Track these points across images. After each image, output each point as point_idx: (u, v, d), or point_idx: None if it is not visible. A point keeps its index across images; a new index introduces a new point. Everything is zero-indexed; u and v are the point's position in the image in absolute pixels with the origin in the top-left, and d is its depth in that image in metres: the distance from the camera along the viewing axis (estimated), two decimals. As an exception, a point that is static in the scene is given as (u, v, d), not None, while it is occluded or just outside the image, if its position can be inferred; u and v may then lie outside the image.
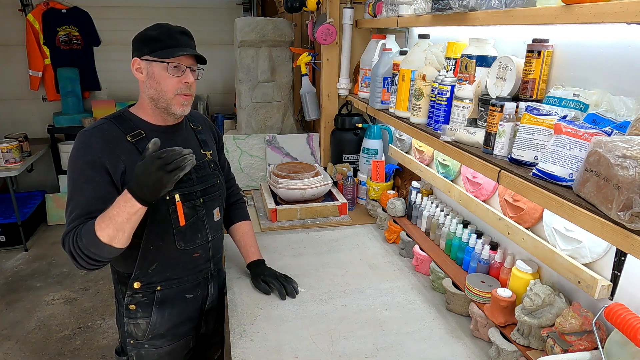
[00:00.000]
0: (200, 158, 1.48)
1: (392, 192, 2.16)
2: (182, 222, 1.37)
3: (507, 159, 1.17)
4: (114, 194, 1.28)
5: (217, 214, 1.53)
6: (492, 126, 1.21)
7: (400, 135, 2.18)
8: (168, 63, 1.30)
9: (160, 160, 1.14)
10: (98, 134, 1.32)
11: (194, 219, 1.44)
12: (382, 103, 1.94)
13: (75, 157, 1.30)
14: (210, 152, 1.54)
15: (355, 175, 2.43)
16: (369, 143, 2.35)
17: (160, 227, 1.37)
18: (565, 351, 1.09)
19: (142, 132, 1.36)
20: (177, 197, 1.37)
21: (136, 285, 1.41)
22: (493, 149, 1.21)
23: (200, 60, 1.37)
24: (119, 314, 1.49)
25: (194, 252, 1.46)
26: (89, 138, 1.31)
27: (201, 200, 1.45)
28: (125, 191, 1.19)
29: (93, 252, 1.21)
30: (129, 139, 1.33)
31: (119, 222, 1.18)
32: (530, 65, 1.19)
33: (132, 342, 1.47)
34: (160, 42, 1.31)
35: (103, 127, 1.34)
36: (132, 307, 1.43)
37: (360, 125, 2.43)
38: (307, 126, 3.13)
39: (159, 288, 1.44)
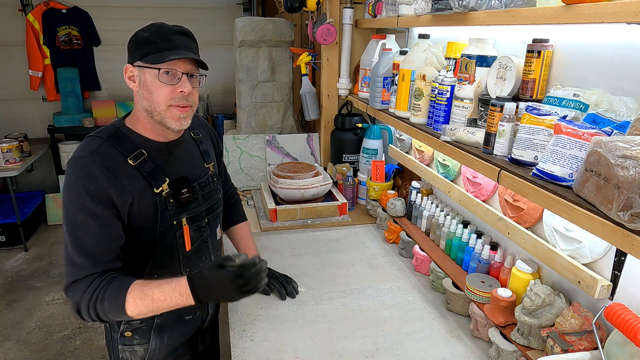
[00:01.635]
0: (204, 173, 1.38)
1: (392, 192, 2.16)
2: (188, 247, 1.29)
3: (507, 159, 1.17)
4: (120, 228, 1.16)
5: (219, 232, 1.45)
6: (492, 126, 1.21)
7: (400, 135, 2.18)
8: (159, 69, 1.13)
9: (241, 281, 1.05)
10: (98, 160, 1.13)
11: (199, 241, 1.34)
12: (382, 103, 1.94)
13: (75, 187, 1.12)
14: (212, 164, 1.43)
15: (355, 175, 2.43)
16: (369, 143, 2.35)
17: (166, 254, 1.26)
18: (565, 351, 1.09)
19: (144, 152, 1.21)
20: (184, 221, 1.26)
21: None
22: (493, 149, 1.21)
23: (201, 64, 1.20)
24: (111, 339, 1.37)
25: None
26: (88, 166, 1.12)
27: (206, 220, 1.35)
28: (185, 284, 1.06)
29: (109, 317, 1.10)
30: (130, 162, 1.17)
31: (161, 307, 1.08)
32: (530, 65, 1.19)
33: None
34: (152, 45, 1.13)
35: (101, 151, 1.15)
36: (129, 334, 1.32)
37: (360, 125, 2.43)
38: (307, 126, 3.13)
39: (158, 314, 1.29)
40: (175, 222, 1.25)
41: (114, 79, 4.95)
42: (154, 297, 1.07)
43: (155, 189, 1.21)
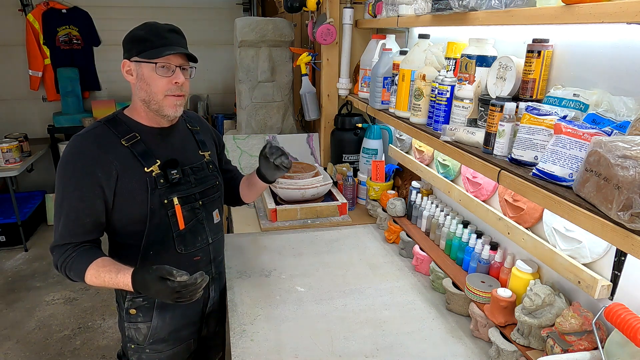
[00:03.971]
0: (199, 159, 1.46)
1: (392, 192, 2.16)
2: (181, 225, 1.36)
3: (507, 159, 1.17)
4: (100, 207, 1.28)
5: (216, 216, 1.51)
6: (492, 126, 1.21)
7: (400, 135, 2.18)
8: (156, 63, 1.26)
9: (177, 295, 1.15)
10: (91, 138, 1.29)
11: (193, 222, 1.41)
12: (382, 103, 1.94)
13: (67, 161, 1.28)
14: (209, 152, 1.52)
15: (355, 175, 2.43)
16: (369, 143, 2.35)
17: (160, 231, 1.35)
18: (565, 351, 1.09)
19: (137, 135, 1.33)
20: (175, 200, 1.35)
21: None
22: (493, 149, 1.21)
23: (192, 58, 1.33)
24: (120, 317, 1.47)
25: (194, 255, 1.44)
26: (81, 143, 1.28)
27: (200, 202, 1.43)
28: (129, 279, 1.20)
29: (76, 281, 1.30)
30: (123, 142, 1.30)
31: (107, 284, 1.25)
32: (530, 65, 1.19)
33: (133, 346, 1.45)
34: (148, 42, 1.26)
35: (96, 132, 1.31)
36: (133, 311, 1.41)
37: (360, 125, 2.43)
38: (307, 126, 3.13)
39: None
40: (166, 201, 1.34)
41: (114, 79, 4.95)
42: (105, 279, 1.23)
43: (145, 169, 1.31)
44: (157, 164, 1.33)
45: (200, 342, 1.59)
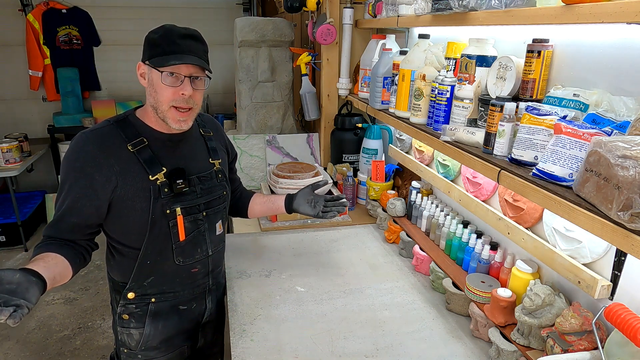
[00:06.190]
0: (208, 168, 1.42)
1: (392, 192, 2.16)
2: (182, 237, 1.32)
3: (507, 159, 1.17)
4: (90, 210, 1.24)
5: (219, 227, 1.46)
6: (492, 126, 1.21)
7: (400, 135, 2.18)
8: (162, 72, 1.20)
9: None
10: (95, 139, 1.24)
11: (194, 233, 1.37)
12: (382, 103, 1.94)
13: (68, 157, 1.25)
14: (219, 161, 1.46)
15: (355, 175, 2.43)
16: (369, 143, 2.35)
17: (159, 241, 1.31)
18: (565, 351, 1.09)
19: (145, 140, 1.28)
20: (178, 210, 1.31)
21: (130, 295, 1.36)
22: (493, 149, 1.21)
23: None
24: (113, 322, 1.45)
25: (192, 267, 1.41)
26: (84, 142, 1.24)
27: (204, 213, 1.38)
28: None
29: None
30: (130, 147, 1.25)
31: None
32: (530, 65, 1.19)
33: (125, 351, 1.44)
34: (159, 48, 1.20)
35: (103, 132, 1.26)
36: (125, 317, 1.39)
37: (360, 125, 2.43)
38: (307, 126, 3.13)
39: (153, 300, 1.39)
40: (168, 211, 1.30)
41: (114, 79, 4.95)
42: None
43: (150, 176, 1.27)
44: (163, 172, 1.28)
45: (197, 351, 1.57)
